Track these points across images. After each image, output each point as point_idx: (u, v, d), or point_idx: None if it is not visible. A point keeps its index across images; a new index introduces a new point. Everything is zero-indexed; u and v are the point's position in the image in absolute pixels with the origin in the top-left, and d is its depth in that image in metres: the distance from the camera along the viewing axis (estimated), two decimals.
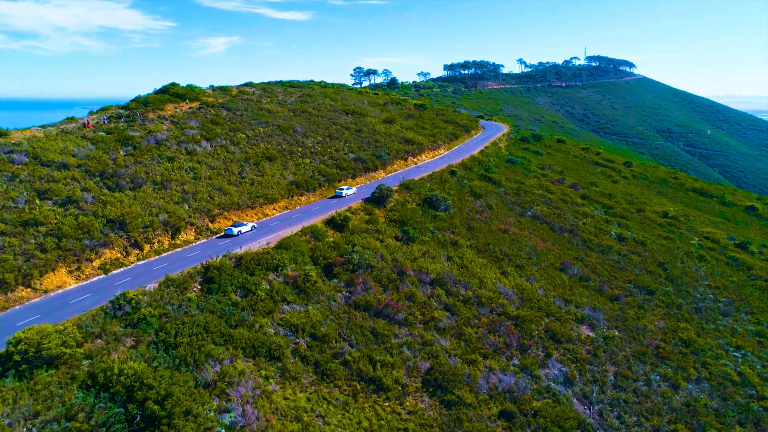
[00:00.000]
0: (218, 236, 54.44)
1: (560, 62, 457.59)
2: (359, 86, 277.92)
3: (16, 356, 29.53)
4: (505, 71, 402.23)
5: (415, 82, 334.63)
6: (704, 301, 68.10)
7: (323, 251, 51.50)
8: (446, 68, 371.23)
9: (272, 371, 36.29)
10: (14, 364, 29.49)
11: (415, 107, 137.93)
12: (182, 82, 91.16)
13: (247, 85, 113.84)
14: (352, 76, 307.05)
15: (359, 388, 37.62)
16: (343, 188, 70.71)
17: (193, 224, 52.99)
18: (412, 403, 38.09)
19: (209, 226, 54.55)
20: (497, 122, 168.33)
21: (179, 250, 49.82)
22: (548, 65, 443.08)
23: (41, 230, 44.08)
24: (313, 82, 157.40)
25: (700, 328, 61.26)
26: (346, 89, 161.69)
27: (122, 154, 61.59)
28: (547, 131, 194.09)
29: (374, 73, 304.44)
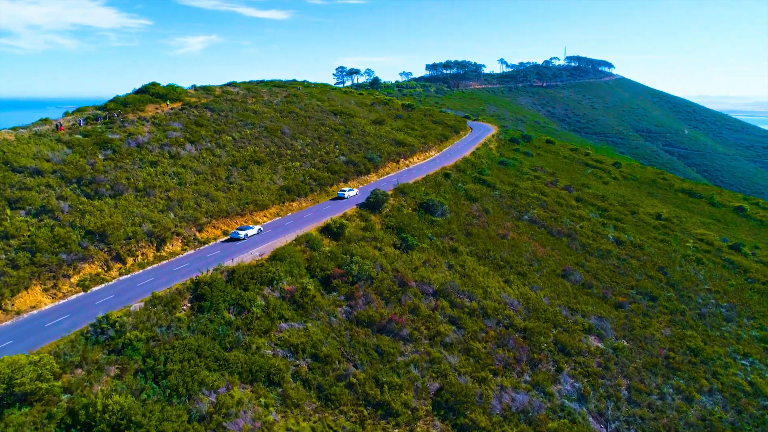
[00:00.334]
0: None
1: (540, 62, 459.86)
2: (342, 86, 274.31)
3: None
4: (486, 71, 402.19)
5: (397, 81, 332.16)
6: (706, 306, 66.74)
7: (320, 262, 48.44)
8: (428, 68, 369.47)
9: (272, 398, 33.19)
10: None
11: (402, 107, 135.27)
12: (160, 81, 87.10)
13: (230, 84, 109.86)
14: (334, 75, 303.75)
15: (366, 413, 34.72)
16: (345, 189, 69.49)
17: (179, 234, 49.43)
18: (423, 428, 35.33)
19: (197, 236, 51.02)
20: (484, 122, 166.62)
21: (165, 262, 46.26)
22: (529, 65, 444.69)
23: (13, 244, 40.20)
24: (295, 81, 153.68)
25: (705, 335, 59.75)
26: (330, 89, 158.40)
27: (101, 158, 57.64)
28: (531, 131, 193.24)
29: (357, 72, 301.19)
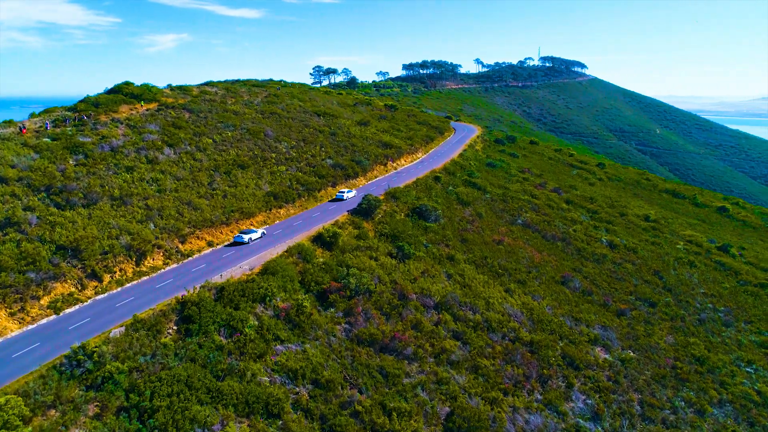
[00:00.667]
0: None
1: (515, 62, 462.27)
2: (319, 85, 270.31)
3: None
4: (462, 71, 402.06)
5: (374, 81, 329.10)
6: (704, 311, 65.59)
7: (314, 275, 45.21)
8: (405, 68, 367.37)
9: None
10: None
11: (386, 108, 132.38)
12: (131, 80, 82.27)
13: (208, 84, 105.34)
14: (311, 75, 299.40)
15: None
16: (344, 191, 67.80)
17: (160, 247, 45.53)
18: None
19: (180, 248, 47.17)
20: (465, 123, 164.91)
21: (146, 279, 42.39)
22: (504, 65, 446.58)
23: None
24: (272, 81, 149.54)
25: (707, 341, 58.41)
26: (309, 89, 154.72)
27: (72, 164, 53.26)
28: (510, 132, 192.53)
29: (334, 72, 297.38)
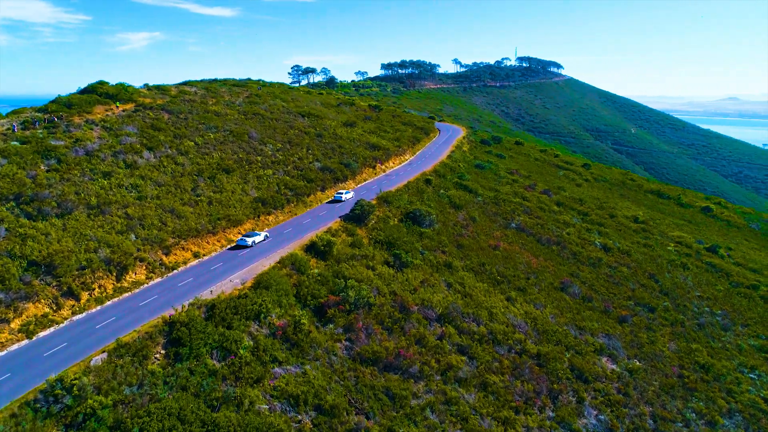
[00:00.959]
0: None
1: (493, 62, 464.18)
2: (298, 85, 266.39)
3: None
4: (441, 71, 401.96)
5: (353, 81, 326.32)
6: (702, 315, 64.68)
7: (310, 288, 42.42)
8: (383, 67, 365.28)
9: None
10: None
11: (370, 108, 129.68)
12: (103, 79, 78.04)
13: (186, 83, 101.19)
14: (290, 74, 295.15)
15: None
16: (342, 192, 66.68)
17: (143, 260, 42.12)
18: None
19: (163, 260, 43.80)
20: (449, 123, 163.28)
21: (128, 295, 39.02)
22: (482, 65, 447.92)
23: None
24: (250, 80, 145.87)
25: (709, 347, 57.37)
26: (289, 88, 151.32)
27: (43, 169, 49.38)
28: (492, 132, 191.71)
29: (313, 71, 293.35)
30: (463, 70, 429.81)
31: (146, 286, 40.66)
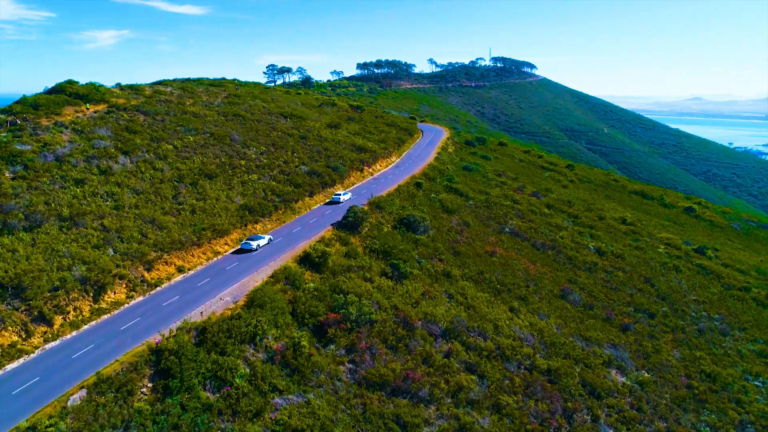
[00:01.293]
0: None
1: (468, 63, 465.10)
2: (273, 84, 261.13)
3: None
4: (416, 71, 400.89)
5: (329, 80, 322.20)
6: (701, 320, 63.66)
7: (307, 304, 39.27)
8: (359, 67, 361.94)
9: None
10: None
11: (352, 109, 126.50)
12: (72, 78, 73.31)
13: (161, 83, 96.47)
14: (265, 74, 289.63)
15: None
16: (340, 193, 65.13)
17: (123, 277, 38.33)
18: None
19: (145, 276, 40.03)
20: (431, 124, 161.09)
21: (107, 318, 35.25)
22: (457, 65, 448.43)
23: None
24: (225, 80, 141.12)
25: (711, 353, 56.19)
26: (266, 88, 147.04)
27: (8, 177, 45.03)
28: (477, 133, 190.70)
29: (288, 71, 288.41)
30: (438, 70, 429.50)
31: (127, 306, 36.90)
